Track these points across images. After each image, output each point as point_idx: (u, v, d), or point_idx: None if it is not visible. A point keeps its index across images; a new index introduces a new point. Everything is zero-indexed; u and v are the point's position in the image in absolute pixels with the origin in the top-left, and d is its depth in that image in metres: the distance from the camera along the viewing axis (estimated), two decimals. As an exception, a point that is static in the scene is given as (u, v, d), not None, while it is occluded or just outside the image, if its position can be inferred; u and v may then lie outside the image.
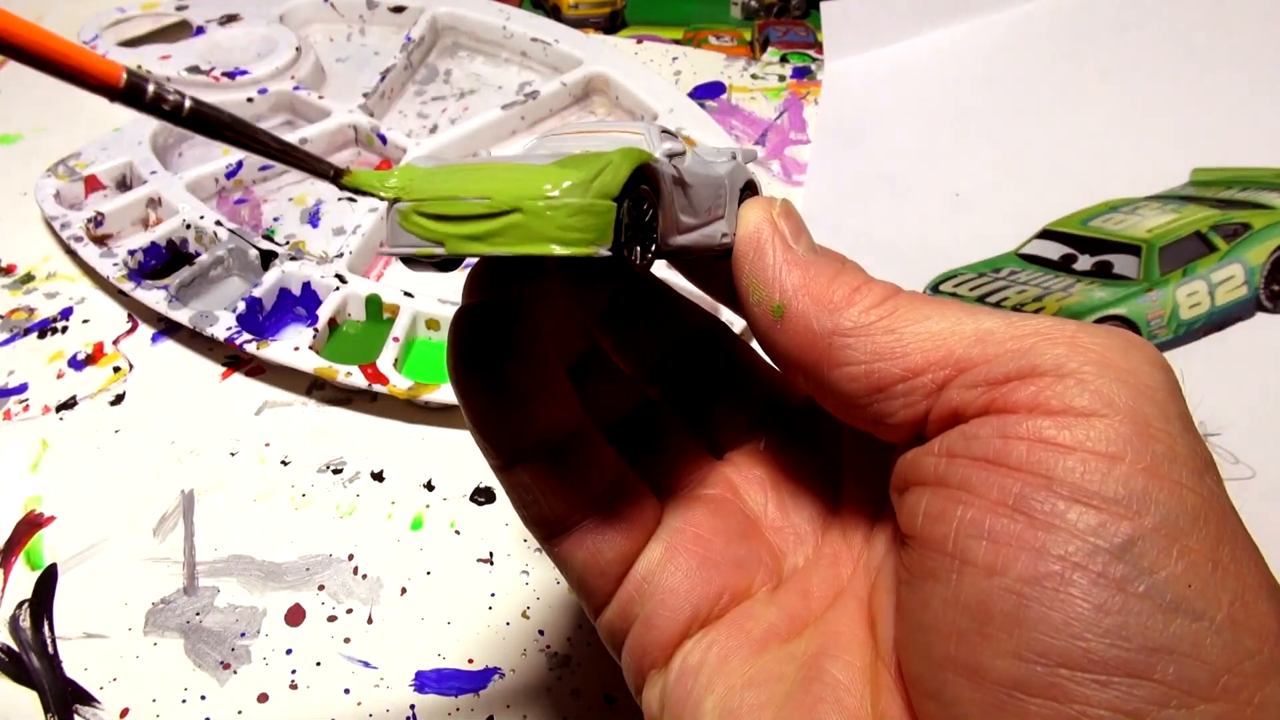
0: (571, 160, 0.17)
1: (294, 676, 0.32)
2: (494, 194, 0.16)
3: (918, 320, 0.19)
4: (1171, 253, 0.45)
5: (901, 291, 0.20)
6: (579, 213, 0.16)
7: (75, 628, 0.33)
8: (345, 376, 0.39)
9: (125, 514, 0.37)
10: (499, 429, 0.21)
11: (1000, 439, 0.17)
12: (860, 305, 0.19)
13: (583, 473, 0.22)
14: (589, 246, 0.16)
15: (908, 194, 0.50)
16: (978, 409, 0.18)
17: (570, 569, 0.23)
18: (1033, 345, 0.17)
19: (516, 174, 0.17)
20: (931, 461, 0.18)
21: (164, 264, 0.45)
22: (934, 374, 0.18)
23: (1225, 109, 0.50)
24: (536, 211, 0.16)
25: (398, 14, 0.60)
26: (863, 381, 0.19)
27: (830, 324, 0.19)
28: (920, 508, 0.18)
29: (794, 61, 0.60)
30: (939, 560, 0.17)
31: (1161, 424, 0.16)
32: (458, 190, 0.17)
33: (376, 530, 0.37)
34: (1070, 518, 0.16)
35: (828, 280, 0.20)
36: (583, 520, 0.22)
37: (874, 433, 0.20)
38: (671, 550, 0.22)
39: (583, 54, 0.56)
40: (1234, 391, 0.40)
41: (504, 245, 0.16)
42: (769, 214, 0.21)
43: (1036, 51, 0.55)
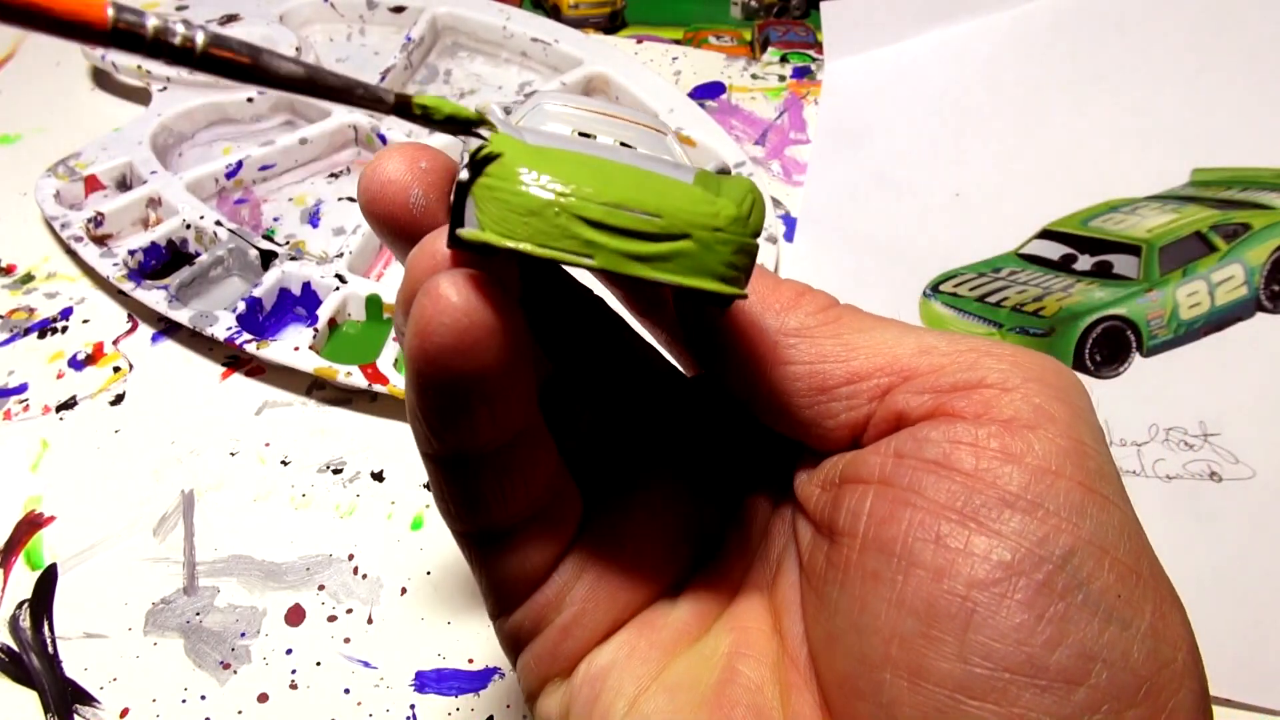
0: (708, 183, 0.16)
1: (294, 676, 0.32)
2: (665, 213, 0.15)
3: (861, 330, 0.19)
4: (1171, 253, 0.45)
5: (840, 303, 0.21)
6: (740, 250, 0.15)
7: (75, 628, 0.33)
8: (345, 376, 0.39)
9: (125, 514, 0.37)
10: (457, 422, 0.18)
11: (949, 444, 0.17)
12: (805, 309, 0.20)
13: (524, 473, 0.19)
14: (739, 288, 0.16)
15: (908, 194, 0.50)
16: (924, 414, 0.18)
17: (483, 570, 0.21)
18: (977, 360, 0.18)
19: (670, 189, 0.15)
20: (877, 460, 0.18)
21: (164, 264, 0.45)
22: (879, 379, 0.19)
23: (1225, 109, 0.50)
24: (708, 242, 0.15)
25: (398, 14, 0.60)
26: (806, 381, 0.19)
27: (776, 323, 0.20)
28: (864, 507, 0.18)
29: (794, 61, 0.60)
30: (883, 561, 0.17)
31: (1092, 442, 0.17)
32: (623, 197, 0.15)
33: (376, 530, 0.37)
34: (1015, 526, 0.16)
35: (773, 284, 0.20)
36: (511, 522, 0.20)
37: (805, 439, 0.20)
38: (593, 557, 0.21)
39: (583, 54, 0.56)
40: (1234, 391, 0.40)
41: (667, 272, 0.15)
42: None
43: (1036, 51, 0.55)
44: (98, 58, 0.54)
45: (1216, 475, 0.38)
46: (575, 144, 0.16)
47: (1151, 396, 0.41)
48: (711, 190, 0.16)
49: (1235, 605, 0.35)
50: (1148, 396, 0.41)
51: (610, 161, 0.15)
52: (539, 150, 0.15)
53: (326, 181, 0.51)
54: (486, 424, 0.18)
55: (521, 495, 0.20)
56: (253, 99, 0.52)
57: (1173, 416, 0.40)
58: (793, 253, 0.48)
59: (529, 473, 0.19)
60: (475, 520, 0.20)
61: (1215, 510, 0.37)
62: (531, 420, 0.19)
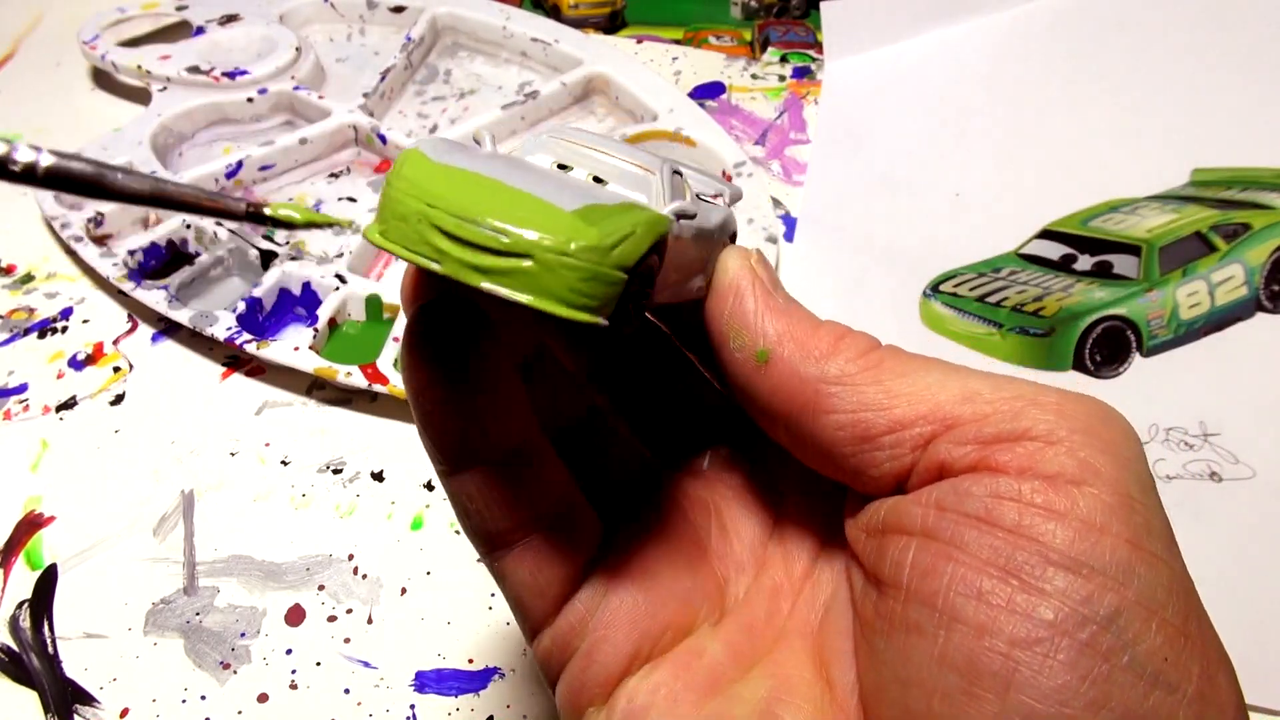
0: (594, 213, 0.16)
1: (294, 676, 0.32)
2: (515, 231, 0.15)
3: (903, 375, 0.19)
4: (1171, 253, 0.45)
5: (883, 345, 0.20)
6: (592, 279, 0.16)
7: (75, 628, 0.33)
8: (345, 376, 0.39)
9: (125, 514, 0.37)
10: (449, 430, 0.20)
11: (992, 498, 0.17)
12: (845, 354, 0.19)
13: (530, 487, 0.21)
14: (592, 315, 0.16)
15: (908, 194, 0.50)
16: (966, 465, 0.18)
17: (509, 587, 0.22)
18: (1022, 409, 0.18)
19: (538, 211, 0.16)
20: (919, 512, 0.18)
21: (164, 264, 0.45)
22: (921, 428, 0.18)
23: (1225, 109, 0.50)
24: (550, 265, 0.15)
25: (398, 14, 0.60)
26: (849, 430, 0.19)
27: (816, 371, 0.19)
28: (906, 558, 0.18)
29: (794, 61, 0.60)
30: (925, 614, 0.17)
31: (1140, 496, 0.17)
32: (477, 212, 0.16)
33: (376, 530, 0.37)
34: (1059, 584, 0.16)
35: (810, 328, 0.20)
36: (525, 537, 0.21)
37: (851, 484, 0.20)
38: (615, 580, 0.21)
39: (583, 54, 0.56)
40: (1234, 391, 0.40)
41: (507, 286, 0.16)
42: (747, 262, 0.21)
43: (1036, 51, 0.55)
44: (98, 58, 0.54)
45: (1216, 475, 0.38)
46: (488, 166, 0.17)
47: (1151, 396, 0.41)
48: (590, 220, 0.16)
49: (1235, 605, 0.35)
50: (1148, 396, 0.41)
51: (499, 183, 0.16)
52: (437, 167, 0.16)
53: (326, 181, 0.51)
54: (477, 439, 0.20)
55: (526, 508, 0.21)
56: (252, 99, 0.52)
57: (1173, 416, 0.40)
58: (793, 253, 0.48)
59: (532, 487, 0.21)
60: (485, 532, 0.21)
61: (1215, 510, 0.37)
62: (529, 438, 0.21)
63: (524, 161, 0.18)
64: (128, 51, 0.54)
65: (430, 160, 0.17)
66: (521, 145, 0.20)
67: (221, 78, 0.52)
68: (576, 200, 0.16)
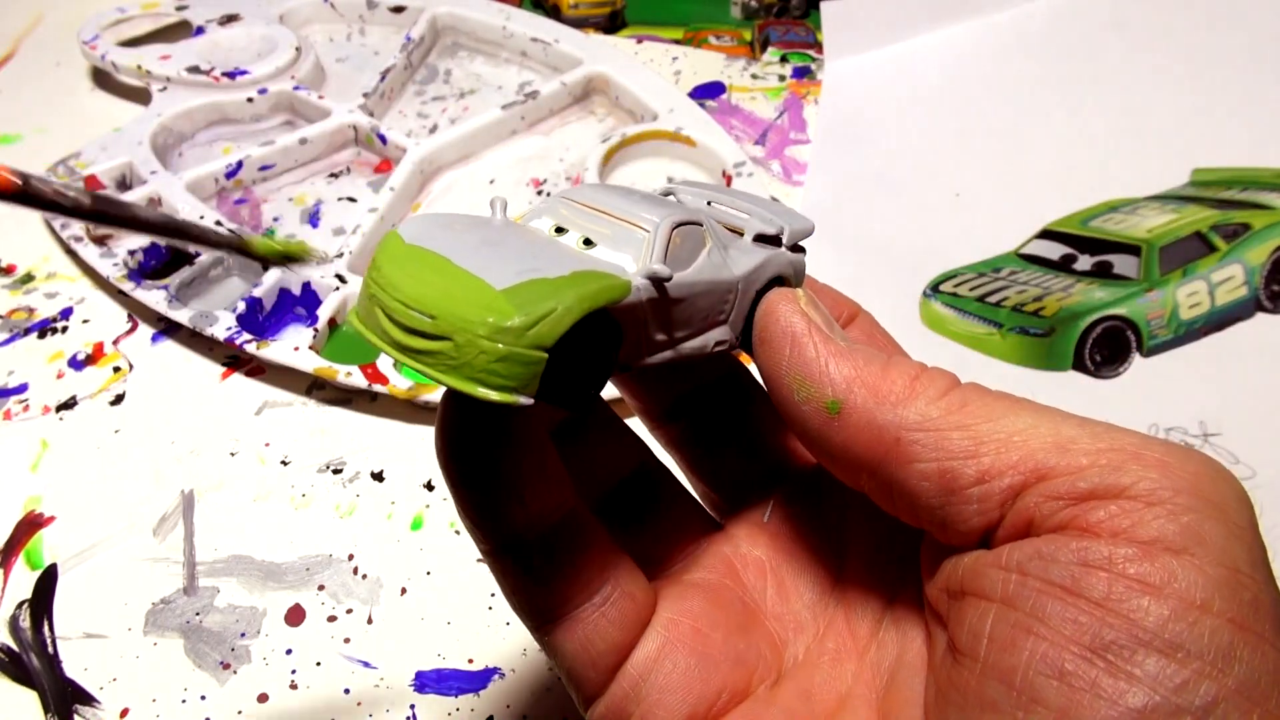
0: (525, 290, 0.16)
1: (294, 676, 0.32)
2: (440, 312, 0.16)
3: (991, 418, 0.17)
4: (1171, 253, 0.45)
5: (962, 382, 0.19)
6: (505, 359, 0.16)
7: (75, 628, 0.33)
8: (345, 376, 0.39)
9: (125, 514, 0.37)
10: (489, 517, 0.20)
11: (1080, 566, 0.16)
12: (924, 396, 0.18)
13: (575, 561, 0.20)
14: (510, 395, 0.16)
15: (908, 194, 0.50)
16: (1055, 524, 0.16)
17: (560, 659, 0.21)
18: (1122, 463, 0.16)
19: (470, 291, 0.16)
20: (999, 576, 0.17)
21: (164, 264, 0.45)
22: (1010, 478, 0.17)
23: (1225, 109, 0.50)
24: (467, 344, 0.16)
25: (398, 14, 0.60)
26: (934, 481, 0.18)
27: (895, 418, 0.18)
28: (985, 628, 0.17)
29: (794, 61, 0.60)
30: (1002, 692, 0.16)
31: (1249, 569, 0.15)
32: (413, 295, 0.16)
33: (376, 530, 0.37)
34: (1151, 668, 0.15)
35: (881, 370, 0.19)
36: (574, 610, 0.20)
37: (936, 534, 0.19)
38: (668, 645, 0.21)
39: (583, 54, 0.56)
40: (1234, 391, 0.40)
41: (431, 368, 0.16)
42: (796, 306, 0.20)
43: (1036, 51, 0.55)
44: (98, 58, 0.54)
45: (1216, 475, 0.38)
46: (453, 244, 0.17)
47: (1151, 396, 0.41)
48: (516, 299, 0.16)
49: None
50: (1148, 396, 0.41)
51: (447, 263, 0.17)
52: (405, 249, 0.17)
53: (326, 181, 0.51)
54: (518, 519, 0.20)
55: (571, 582, 0.20)
56: (252, 99, 0.52)
57: (1173, 416, 0.40)
58: (793, 253, 0.48)
59: (577, 561, 0.20)
60: (533, 609, 0.21)
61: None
62: (571, 512, 0.20)
63: (501, 233, 0.18)
64: (128, 51, 0.54)
65: (402, 242, 0.17)
66: (536, 206, 0.20)
67: (221, 78, 0.52)
68: (513, 278, 0.16)
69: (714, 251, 0.20)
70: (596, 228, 0.19)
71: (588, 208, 0.19)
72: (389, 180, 0.48)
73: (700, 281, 0.19)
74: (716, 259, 0.20)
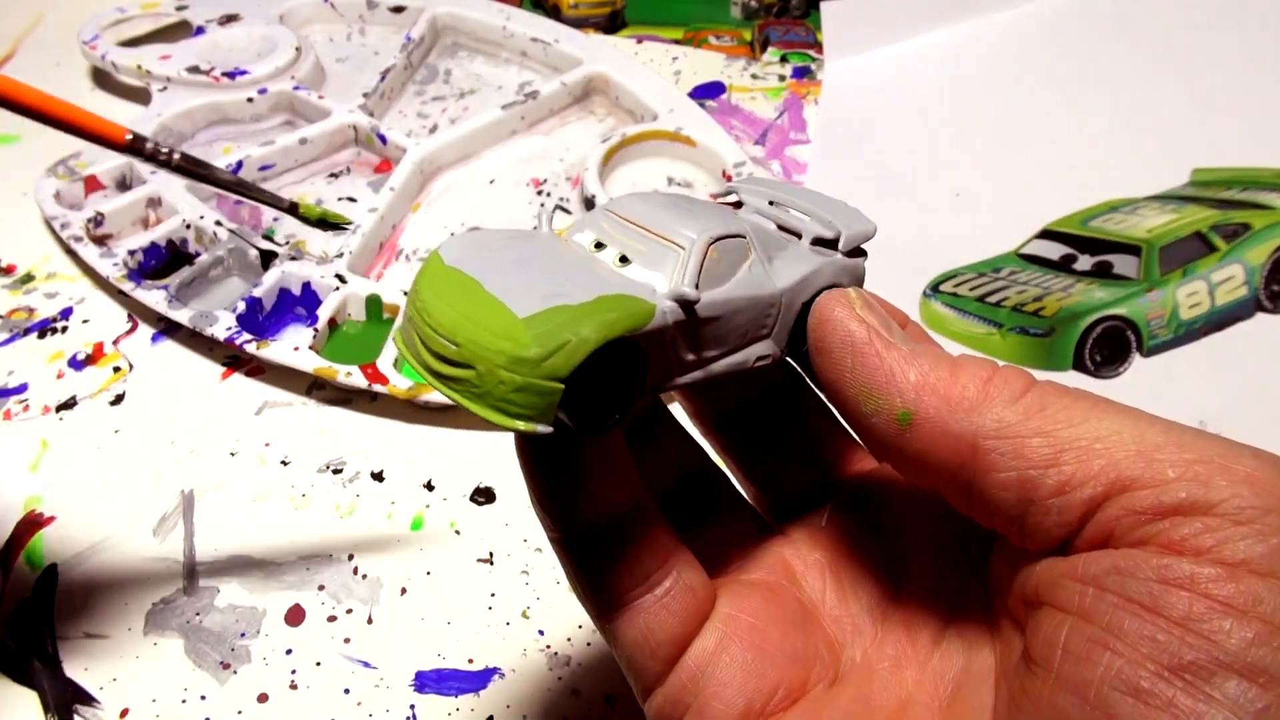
0: (546, 318, 0.16)
1: (294, 676, 0.32)
2: (464, 340, 0.16)
3: (1071, 423, 0.17)
4: (1171, 253, 0.45)
5: (1039, 382, 0.18)
6: (523, 389, 0.16)
7: (75, 628, 0.33)
8: (345, 376, 0.39)
9: (125, 514, 0.37)
10: (561, 504, 0.20)
11: (1160, 584, 0.15)
12: (1000, 400, 0.17)
13: (639, 551, 0.21)
14: (528, 424, 0.16)
15: (908, 194, 0.50)
16: (1137, 538, 0.16)
17: (621, 647, 0.21)
18: (1209, 476, 0.16)
19: (494, 319, 0.16)
20: (1076, 589, 0.16)
21: (164, 264, 0.45)
22: (1092, 489, 0.16)
23: (1225, 109, 0.50)
24: (488, 374, 0.16)
25: (398, 14, 0.60)
26: (1013, 491, 0.17)
27: (971, 425, 0.17)
28: (1059, 639, 0.16)
29: (794, 61, 0.60)
30: (1075, 705, 0.16)
31: None
32: (441, 323, 0.17)
33: (376, 530, 0.37)
34: (1231, 691, 0.14)
35: (950, 373, 0.18)
36: (636, 599, 0.21)
37: (1014, 540, 0.18)
38: (726, 640, 0.21)
39: (583, 54, 0.56)
40: (1234, 391, 0.40)
41: (458, 394, 0.17)
42: (852, 312, 0.19)
43: (1036, 52, 0.55)
44: (98, 58, 0.54)
45: (1216, 475, 0.38)
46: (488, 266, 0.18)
47: (1151, 396, 0.41)
48: (536, 328, 0.16)
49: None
50: (1148, 396, 0.41)
51: (478, 288, 0.17)
52: (444, 270, 0.18)
53: (326, 181, 0.51)
54: (586, 506, 0.20)
55: (634, 571, 0.21)
56: (252, 99, 0.52)
57: (1173, 416, 0.40)
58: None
59: (641, 552, 0.21)
60: (596, 596, 0.21)
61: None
62: (637, 503, 0.21)
63: (539, 250, 0.19)
64: (128, 51, 0.54)
65: (442, 264, 0.18)
66: (581, 218, 0.20)
67: (221, 78, 0.52)
68: (536, 304, 0.16)
69: (756, 265, 0.20)
70: (634, 244, 0.19)
71: (628, 222, 0.19)
72: (389, 180, 0.48)
73: (737, 298, 0.19)
74: (758, 272, 0.20)
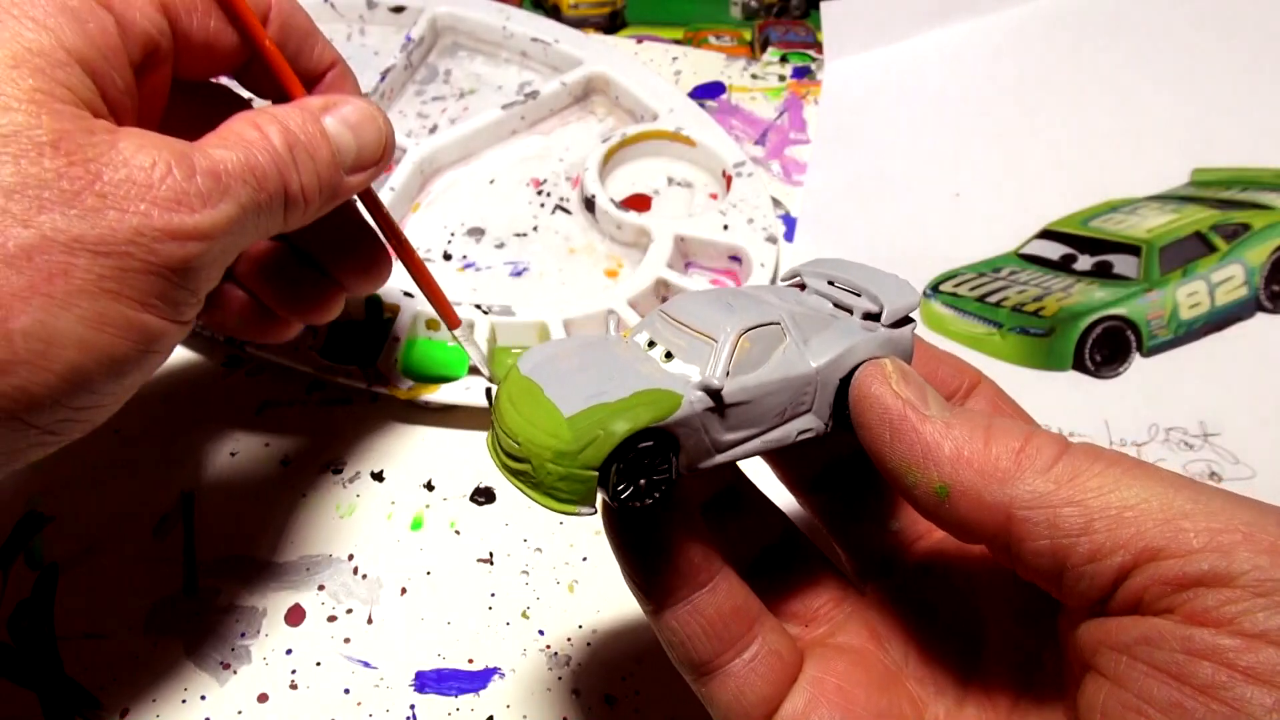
0: (588, 416, 0.19)
1: (294, 676, 0.32)
2: (522, 439, 0.20)
3: (1102, 491, 0.18)
4: (1171, 253, 0.45)
5: (1071, 445, 0.19)
6: (566, 479, 0.19)
7: (75, 628, 0.33)
8: (346, 377, 0.39)
9: (125, 514, 0.37)
10: (649, 580, 0.22)
11: (1185, 654, 0.16)
12: (1033, 469, 0.18)
13: (726, 619, 0.22)
14: (574, 507, 0.19)
15: (908, 194, 0.50)
16: (1163, 607, 0.17)
17: (715, 708, 0.23)
18: (1232, 547, 0.16)
19: (547, 419, 0.19)
20: (1111, 657, 0.17)
21: (164, 264, 0.45)
22: (1121, 557, 0.17)
23: (1225, 109, 0.50)
24: (539, 467, 0.19)
25: (398, 14, 0.60)
26: (1048, 558, 0.18)
27: (1005, 496, 0.18)
28: (1098, 702, 0.17)
29: (794, 61, 0.60)
30: None
31: None
32: (509, 426, 0.20)
33: (376, 530, 0.37)
34: None
35: (984, 443, 0.19)
36: (726, 664, 0.22)
37: (1057, 596, 0.19)
38: (814, 701, 0.22)
39: (583, 54, 0.56)
40: (1234, 391, 0.40)
41: (522, 485, 0.20)
42: (887, 387, 0.20)
43: (1036, 51, 0.55)
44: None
45: (1216, 475, 0.38)
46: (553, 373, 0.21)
47: (1151, 397, 0.41)
48: (576, 426, 0.19)
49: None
50: (1148, 397, 0.41)
51: (539, 393, 0.20)
52: (519, 380, 0.21)
53: (326, 181, 0.51)
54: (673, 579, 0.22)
55: (723, 638, 0.22)
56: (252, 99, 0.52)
57: (1173, 417, 0.40)
58: (793, 253, 0.48)
59: (728, 619, 0.22)
60: (689, 661, 0.23)
61: (1215, 510, 0.37)
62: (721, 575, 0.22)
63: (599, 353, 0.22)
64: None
65: (519, 374, 0.21)
66: (641, 321, 0.24)
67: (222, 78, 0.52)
68: (580, 404, 0.19)
69: (790, 348, 0.22)
70: (678, 341, 0.22)
71: (677, 322, 0.22)
72: (389, 180, 0.48)
73: (768, 381, 0.21)
74: (792, 355, 0.21)
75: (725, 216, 0.47)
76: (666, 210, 0.50)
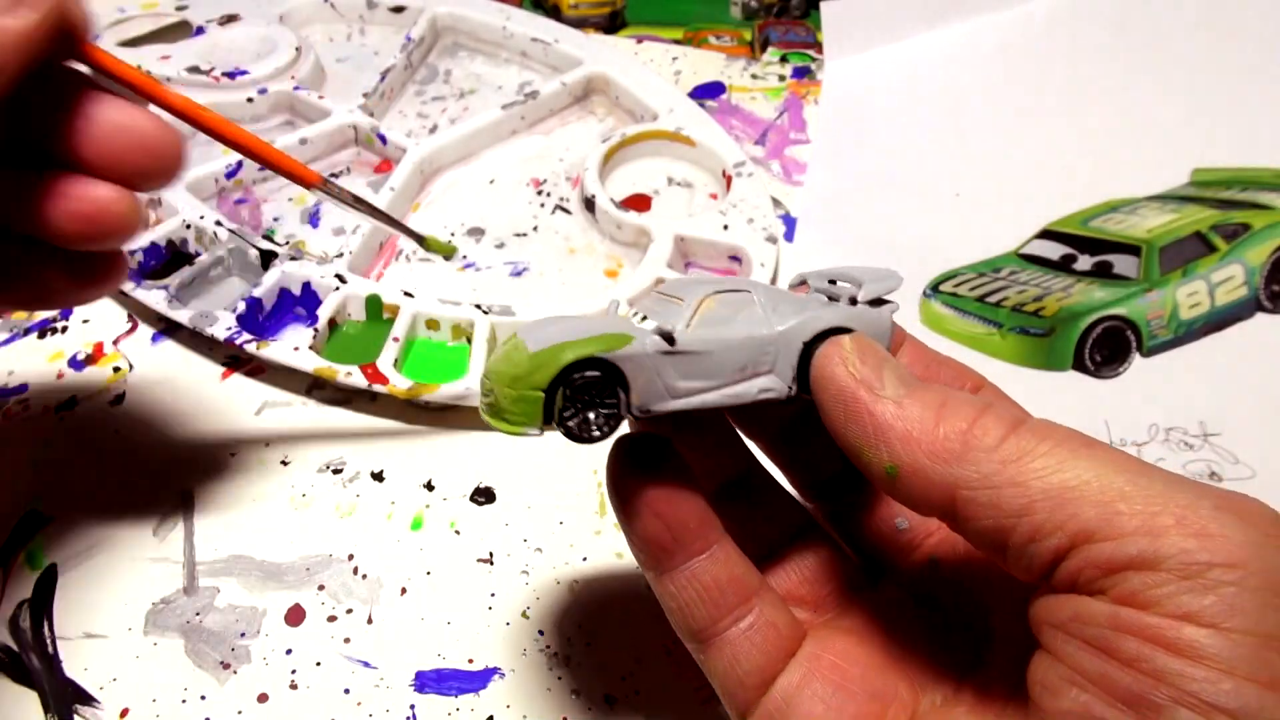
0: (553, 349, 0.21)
1: (294, 676, 0.32)
2: (491, 375, 0.22)
3: (1045, 472, 0.18)
4: (1171, 253, 0.45)
5: (1024, 423, 0.19)
6: (518, 400, 0.21)
7: (75, 628, 0.33)
8: (345, 376, 0.39)
9: (125, 514, 0.37)
10: (652, 538, 0.23)
11: (1112, 630, 0.17)
12: (980, 448, 0.19)
13: (723, 587, 0.23)
14: (521, 428, 0.21)
15: (907, 193, 0.50)
16: (1095, 588, 0.17)
17: (713, 675, 0.23)
18: (1162, 531, 0.17)
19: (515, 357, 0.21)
20: (1049, 633, 0.18)
21: (164, 264, 0.45)
22: (1057, 539, 0.18)
23: (1225, 109, 0.50)
24: (500, 393, 0.21)
25: (398, 14, 0.60)
26: (990, 536, 0.19)
27: (950, 477, 0.19)
28: (1037, 675, 0.18)
29: (794, 61, 0.60)
30: None
31: None
32: (488, 371, 0.22)
33: (376, 530, 0.37)
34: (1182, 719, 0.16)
35: (933, 423, 0.19)
36: (724, 630, 0.23)
37: (1005, 569, 0.20)
38: (809, 675, 0.23)
39: (583, 54, 0.56)
40: (1234, 391, 0.40)
41: (488, 417, 0.22)
42: (843, 365, 0.21)
43: (1036, 51, 0.55)
44: (98, 58, 0.54)
45: (1216, 475, 0.38)
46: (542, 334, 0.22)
47: (1151, 397, 0.41)
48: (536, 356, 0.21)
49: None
50: (1148, 397, 0.41)
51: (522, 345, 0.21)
52: (510, 340, 0.22)
53: (326, 181, 0.51)
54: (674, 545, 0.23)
55: (719, 606, 0.23)
56: (252, 99, 0.52)
57: (1173, 417, 0.40)
58: (793, 253, 0.48)
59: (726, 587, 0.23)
60: (688, 627, 0.23)
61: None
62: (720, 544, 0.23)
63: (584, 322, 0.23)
64: (128, 51, 0.54)
65: (514, 336, 0.22)
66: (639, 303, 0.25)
67: (221, 78, 0.52)
68: (545, 343, 0.21)
69: (756, 312, 0.23)
70: (656, 307, 0.23)
71: (662, 295, 0.24)
72: (389, 180, 0.48)
73: (729, 337, 0.22)
74: (756, 317, 0.23)
75: (725, 216, 0.47)
76: (666, 210, 0.50)
